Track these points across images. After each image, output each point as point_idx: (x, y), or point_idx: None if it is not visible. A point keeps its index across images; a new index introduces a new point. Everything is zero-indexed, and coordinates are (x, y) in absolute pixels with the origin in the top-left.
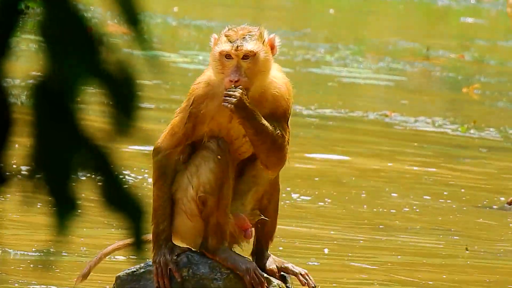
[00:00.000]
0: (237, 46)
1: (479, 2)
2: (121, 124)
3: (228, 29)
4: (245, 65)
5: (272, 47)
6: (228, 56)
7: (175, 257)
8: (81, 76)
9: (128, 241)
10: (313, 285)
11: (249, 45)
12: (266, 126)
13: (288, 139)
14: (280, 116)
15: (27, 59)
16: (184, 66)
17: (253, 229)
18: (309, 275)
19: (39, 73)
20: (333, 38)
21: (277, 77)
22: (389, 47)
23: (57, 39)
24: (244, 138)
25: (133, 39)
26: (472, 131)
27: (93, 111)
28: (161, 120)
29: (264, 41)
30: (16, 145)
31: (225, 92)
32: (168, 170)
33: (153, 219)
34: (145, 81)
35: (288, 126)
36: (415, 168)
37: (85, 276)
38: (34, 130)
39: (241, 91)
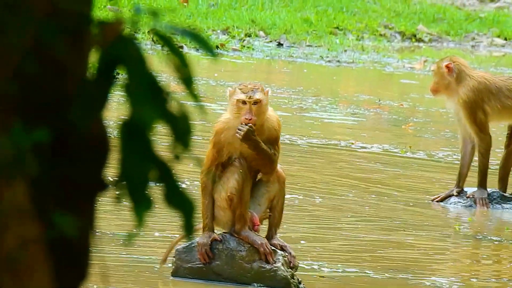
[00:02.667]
0: (250, 96)
1: (412, 69)
2: (181, 149)
3: (240, 84)
4: (254, 108)
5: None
6: (243, 102)
7: (210, 242)
8: (154, 118)
9: (184, 233)
10: (293, 266)
11: (258, 95)
12: (265, 149)
13: (278, 157)
14: (273, 141)
15: (118, 107)
16: (220, 112)
17: (259, 226)
18: (295, 258)
19: (125, 117)
20: (317, 93)
21: (271, 115)
22: (354, 99)
23: (139, 94)
24: (252, 155)
25: (188, 94)
26: (408, 153)
27: (161, 141)
28: (206, 148)
29: (264, 92)
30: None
31: (237, 127)
32: (208, 184)
33: (202, 216)
34: (195, 122)
35: (278, 148)
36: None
37: (164, 260)
38: (122, 153)
39: (247, 127)
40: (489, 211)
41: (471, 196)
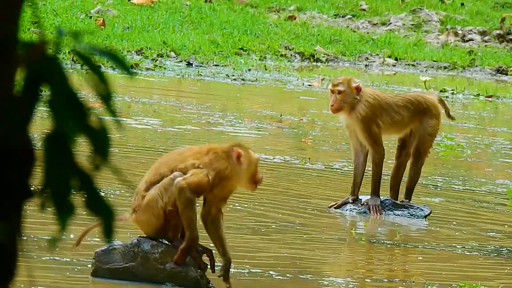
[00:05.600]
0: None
1: (311, 87)
2: (100, 159)
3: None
4: None
5: None
6: None
7: (200, 249)
8: (76, 131)
9: (96, 223)
10: (203, 267)
11: None
12: None
13: None
14: None
15: (42, 121)
16: (134, 127)
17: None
18: (214, 260)
19: (49, 130)
20: (224, 108)
21: None
22: (257, 114)
23: (61, 109)
24: None
25: (106, 109)
26: (308, 164)
27: (82, 152)
28: (121, 160)
29: None
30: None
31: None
32: (193, 200)
33: (189, 228)
34: (113, 135)
35: None
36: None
37: (77, 243)
38: (46, 163)
39: None
40: (382, 217)
41: (365, 203)
